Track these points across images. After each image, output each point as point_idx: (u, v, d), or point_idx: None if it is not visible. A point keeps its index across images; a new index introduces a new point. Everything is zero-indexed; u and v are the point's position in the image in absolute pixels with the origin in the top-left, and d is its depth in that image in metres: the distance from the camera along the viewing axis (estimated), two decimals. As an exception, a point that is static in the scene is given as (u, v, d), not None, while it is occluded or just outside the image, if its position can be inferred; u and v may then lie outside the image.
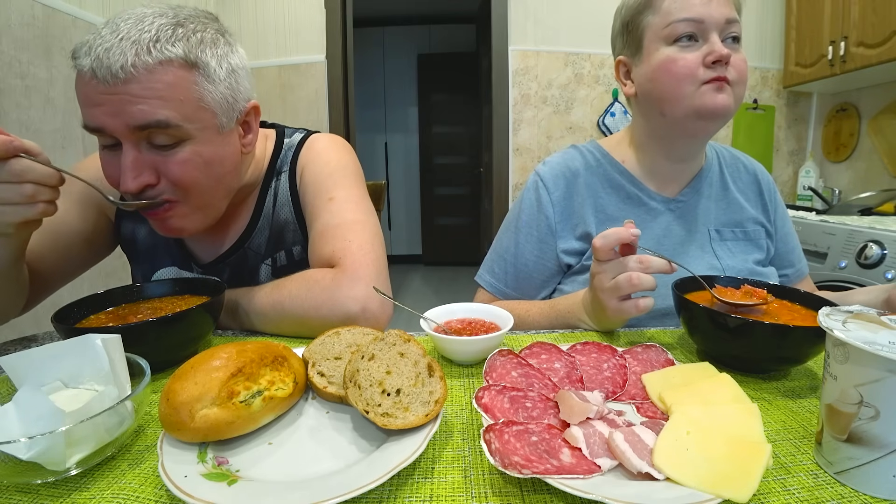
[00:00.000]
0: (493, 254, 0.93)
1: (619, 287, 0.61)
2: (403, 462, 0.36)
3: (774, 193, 0.93)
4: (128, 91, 0.58)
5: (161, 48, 0.59)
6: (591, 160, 0.88)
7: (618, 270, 0.62)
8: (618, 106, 2.55)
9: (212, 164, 0.67)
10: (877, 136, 2.24)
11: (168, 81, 0.60)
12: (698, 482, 0.34)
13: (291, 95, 2.53)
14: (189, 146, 0.64)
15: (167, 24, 0.61)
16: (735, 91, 0.74)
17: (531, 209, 0.88)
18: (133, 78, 0.58)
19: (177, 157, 0.63)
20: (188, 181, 0.65)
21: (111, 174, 0.64)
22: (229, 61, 0.67)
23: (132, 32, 0.58)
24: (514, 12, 2.47)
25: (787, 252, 0.92)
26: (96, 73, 0.57)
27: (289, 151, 0.84)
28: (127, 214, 0.84)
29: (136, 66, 0.57)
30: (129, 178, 0.61)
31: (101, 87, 0.58)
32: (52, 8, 1.56)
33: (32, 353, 0.44)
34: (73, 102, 0.64)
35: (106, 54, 0.57)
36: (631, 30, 0.81)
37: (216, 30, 0.67)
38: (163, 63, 0.59)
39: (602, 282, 0.63)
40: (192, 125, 0.63)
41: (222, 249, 0.83)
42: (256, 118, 0.74)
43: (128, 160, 0.61)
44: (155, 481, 0.38)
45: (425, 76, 4.86)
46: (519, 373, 0.50)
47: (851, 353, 0.35)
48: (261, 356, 0.45)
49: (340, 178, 0.80)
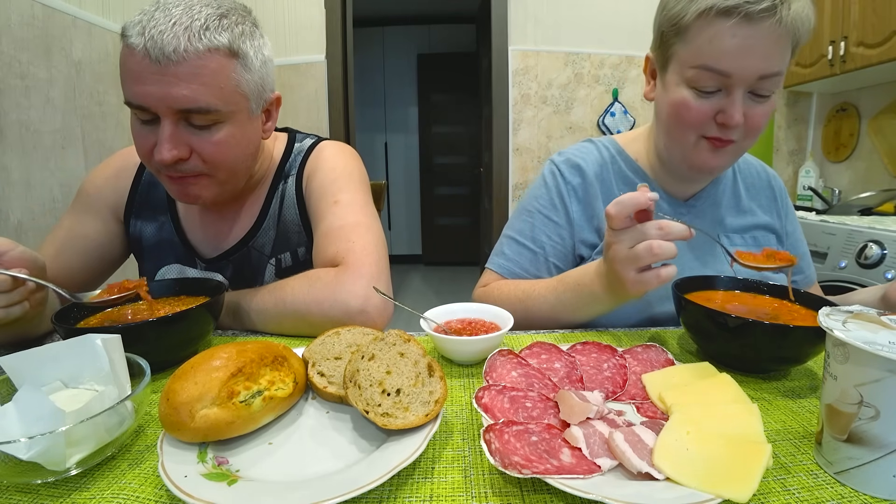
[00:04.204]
0: (504, 238, 0.89)
1: (639, 257, 0.56)
2: (403, 462, 0.36)
3: (786, 199, 0.91)
4: (176, 73, 0.62)
5: (210, 36, 0.63)
6: (606, 155, 0.86)
7: (636, 239, 0.57)
8: (618, 106, 2.55)
9: (241, 145, 0.71)
10: (877, 136, 2.24)
11: (213, 68, 0.64)
12: (698, 482, 0.34)
13: (291, 95, 2.53)
14: (224, 128, 0.68)
15: (213, 14, 0.65)
16: (740, 146, 0.70)
17: (549, 195, 0.85)
18: (183, 61, 0.61)
19: (212, 138, 0.67)
20: (220, 159, 0.69)
21: (144, 146, 0.67)
22: (263, 53, 0.72)
23: (184, 18, 0.62)
24: (514, 12, 2.47)
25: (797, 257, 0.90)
26: (150, 52, 0.60)
27: (298, 156, 0.86)
28: (135, 213, 0.86)
29: (187, 50, 0.61)
30: (164, 150, 0.64)
31: (153, 66, 0.61)
32: (52, 8, 1.56)
33: (32, 353, 0.44)
34: (73, 102, 0.65)
35: (161, 36, 0.60)
36: (663, 42, 0.73)
37: (252, 22, 0.71)
38: (210, 50, 0.63)
39: (618, 253, 0.58)
40: (228, 109, 0.67)
41: (226, 246, 0.84)
42: (277, 107, 0.79)
43: (165, 133, 0.64)
44: (155, 481, 0.38)
45: (425, 76, 4.86)
46: (519, 373, 0.51)
47: (851, 353, 0.35)
48: (261, 356, 0.45)
49: (346, 183, 0.82)
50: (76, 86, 1.66)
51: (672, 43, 0.70)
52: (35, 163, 1.52)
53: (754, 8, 0.61)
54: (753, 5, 0.61)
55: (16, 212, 1.46)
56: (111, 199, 0.85)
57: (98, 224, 0.84)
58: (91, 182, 0.86)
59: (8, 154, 1.44)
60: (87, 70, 1.71)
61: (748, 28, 0.62)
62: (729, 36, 0.63)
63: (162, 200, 0.85)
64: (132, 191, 0.85)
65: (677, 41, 0.69)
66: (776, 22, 0.62)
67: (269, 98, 0.75)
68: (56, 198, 1.60)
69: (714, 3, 0.63)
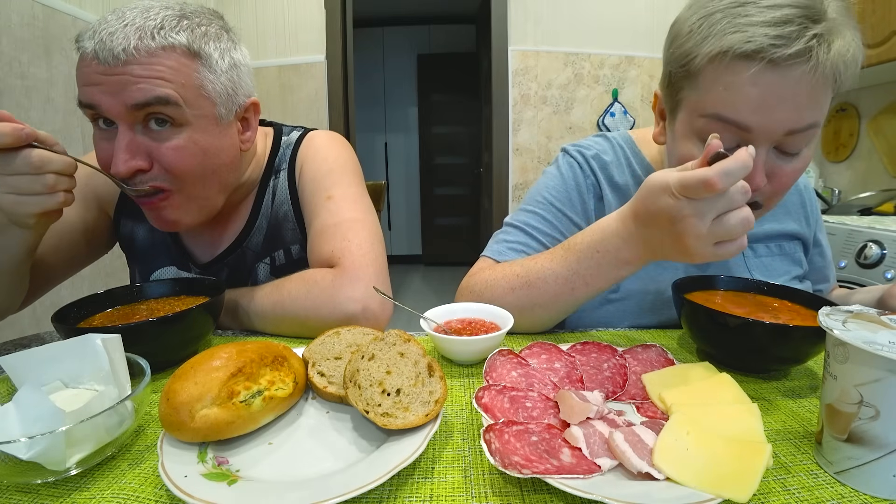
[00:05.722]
0: (507, 226, 0.79)
1: (731, 231, 0.45)
2: (403, 462, 0.36)
3: (815, 204, 0.84)
4: (128, 72, 0.59)
5: (165, 35, 0.60)
6: (620, 155, 0.79)
7: (721, 209, 0.45)
8: (617, 106, 2.55)
9: (207, 154, 0.66)
10: (877, 136, 2.24)
11: (169, 65, 0.61)
12: (698, 482, 0.34)
13: (291, 95, 2.53)
14: (185, 132, 0.64)
15: (172, 15, 0.62)
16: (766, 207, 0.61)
17: (565, 187, 0.77)
18: (134, 60, 0.59)
19: (172, 143, 0.63)
20: (181, 168, 0.64)
21: (103, 157, 0.64)
22: (231, 55, 0.68)
23: (137, 20, 0.60)
24: (514, 12, 2.47)
25: (824, 266, 0.86)
26: (98, 54, 0.58)
27: (287, 149, 0.84)
28: (126, 212, 0.84)
29: (137, 48, 0.59)
30: (120, 161, 0.61)
31: (102, 67, 0.59)
32: (52, 8, 1.56)
33: (32, 353, 0.44)
34: (74, 102, 0.64)
35: (109, 38, 0.58)
36: (671, 83, 0.63)
37: (220, 26, 0.68)
38: (165, 48, 0.61)
39: (696, 228, 0.46)
40: (190, 111, 0.63)
41: (220, 249, 0.83)
42: (256, 116, 0.75)
43: (122, 143, 0.61)
44: (155, 481, 0.38)
45: (425, 76, 4.86)
46: (519, 373, 0.51)
47: (851, 352, 0.35)
48: (261, 356, 0.45)
49: (339, 176, 0.80)
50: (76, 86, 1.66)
51: (681, 87, 0.60)
52: (35, 163, 1.52)
53: (782, 53, 0.49)
54: (781, 49, 0.49)
55: (16, 212, 1.46)
56: (101, 189, 0.82)
57: (82, 210, 0.79)
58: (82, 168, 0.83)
59: (8, 154, 1.43)
60: (87, 70, 1.70)
61: (774, 75, 0.51)
62: (749, 84, 0.52)
63: None
64: None
65: (686, 85, 0.59)
66: (811, 69, 0.50)
67: (243, 103, 0.70)
68: (56, 198, 1.60)
69: (731, 47, 0.52)
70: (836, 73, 0.52)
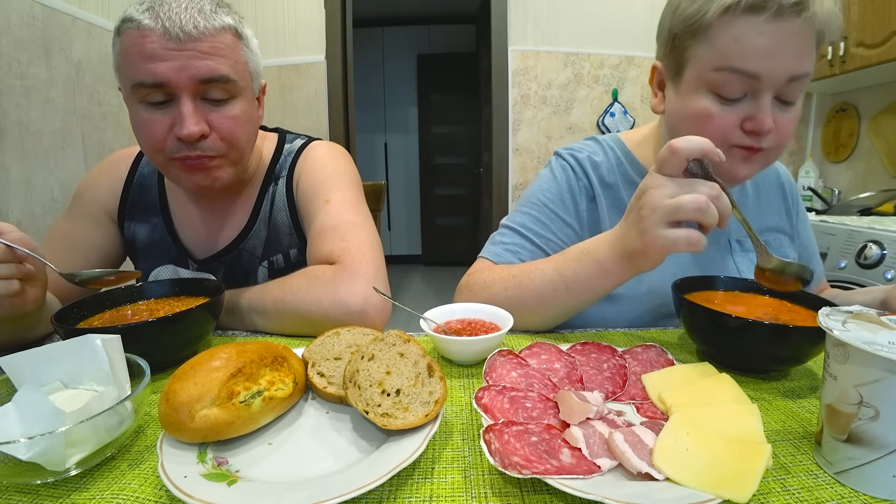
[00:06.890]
0: (503, 228, 0.82)
1: (681, 208, 0.49)
2: (403, 462, 0.36)
3: (797, 197, 0.87)
4: (196, 48, 0.65)
5: (220, 16, 0.68)
6: (612, 157, 0.81)
7: (682, 189, 0.51)
8: (617, 106, 2.55)
9: (250, 122, 0.75)
10: (876, 136, 2.24)
11: (227, 43, 0.68)
12: (698, 482, 0.34)
13: (291, 96, 2.53)
14: (239, 103, 0.71)
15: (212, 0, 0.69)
16: (767, 157, 0.65)
17: (558, 189, 0.79)
18: (203, 37, 0.65)
19: (229, 112, 0.70)
20: (236, 135, 0.72)
21: (156, 132, 0.67)
22: (255, 40, 0.76)
23: (192, 3, 0.66)
24: (514, 12, 2.47)
25: (807, 258, 0.88)
26: (169, 30, 0.63)
27: (288, 157, 0.86)
28: (128, 215, 0.86)
29: (206, 27, 0.65)
30: (191, 123, 0.66)
31: (171, 44, 0.63)
32: (52, 8, 1.56)
33: (32, 353, 0.44)
34: (73, 102, 0.65)
35: (178, 17, 0.63)
36: (675, 46, 0.67)
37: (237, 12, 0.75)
38: (223, 28, 0.68)
39: (654, 198, 0.51)
40: (242, 83, 0.71)
41: (217, 248, 0.84)
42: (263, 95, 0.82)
43: (189, 109, 0.66)
44: (155, 481, 0.38)
45: (425, 76, 4.86)
46: (519, 373, 0.51)
47: (851, 353, 0.35)
48: (261, 356, 0.45)
49: (337, 183, 0.82)
50: (76, 86, 1.66)
51: (687, 46, 0.65)
52: (35, 163, 1.53)
53: (786, 2, 0.57)
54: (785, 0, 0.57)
55: (15, 212, 1.46)
56: (105, 201, 0.85)
57: (95, 228, 0.84)
58: (85, 187, 0.86)
59: (8, 154, 1.44)
60: (86, 70, 1.71)
61: (778, 25, 0.58)
62: (757, 34, 0.58)
63: (154, 201, 0.85)
64: (124, 192, 0.85)
65: (694, 43, 0.64)
66: (808, 18, 0.58)
67: (262, 84, 0.79)
68: (56, 198, 1.60)
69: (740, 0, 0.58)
70: (825, 26, 0.60)
